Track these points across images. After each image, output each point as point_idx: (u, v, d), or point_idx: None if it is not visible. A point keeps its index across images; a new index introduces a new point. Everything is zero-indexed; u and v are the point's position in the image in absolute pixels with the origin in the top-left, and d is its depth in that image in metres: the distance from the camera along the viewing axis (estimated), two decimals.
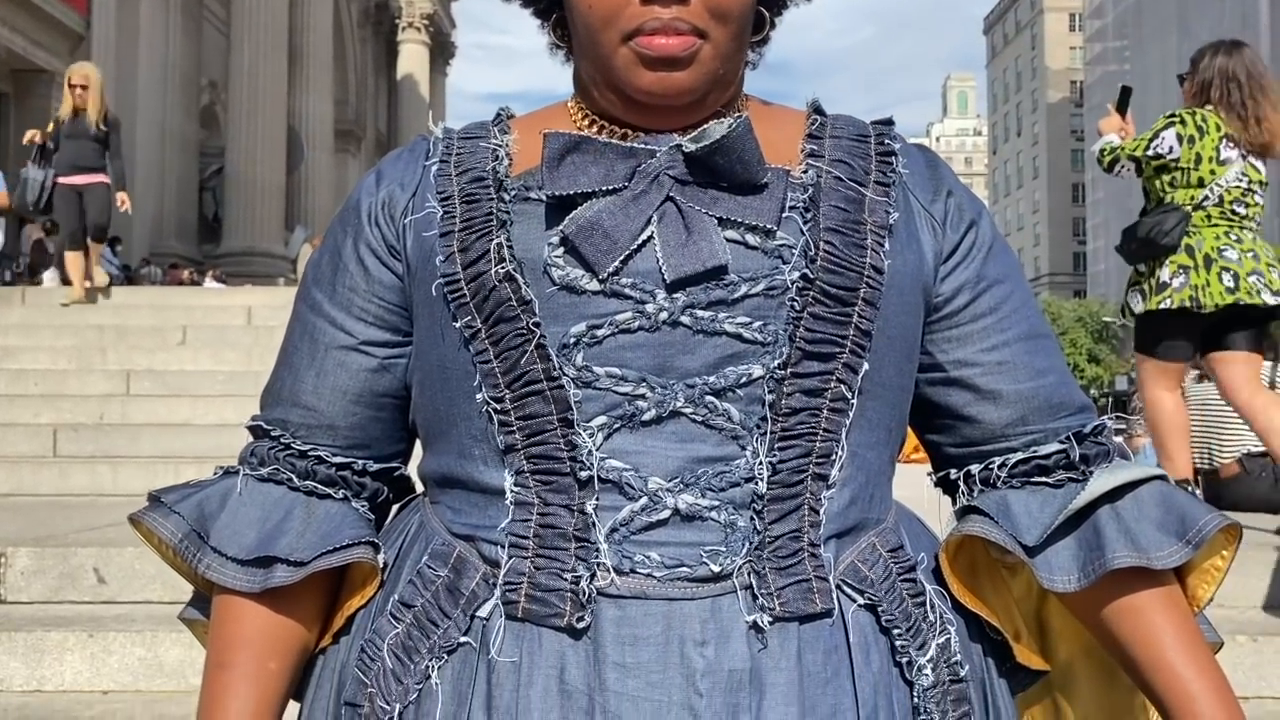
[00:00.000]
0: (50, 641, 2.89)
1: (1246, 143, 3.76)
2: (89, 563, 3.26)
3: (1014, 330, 0.90)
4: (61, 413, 6.20)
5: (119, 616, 3.05)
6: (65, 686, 2.86)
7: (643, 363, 0.79)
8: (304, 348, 0.91)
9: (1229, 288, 3.75)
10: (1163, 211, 3.82)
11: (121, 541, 3.35)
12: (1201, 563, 0.88)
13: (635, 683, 0.76)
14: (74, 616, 3.07)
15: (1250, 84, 3.75)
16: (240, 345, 7.35)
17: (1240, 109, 3.74)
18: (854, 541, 0.84)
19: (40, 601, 3.23)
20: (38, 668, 2.88)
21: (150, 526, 0.88)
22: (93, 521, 3.97)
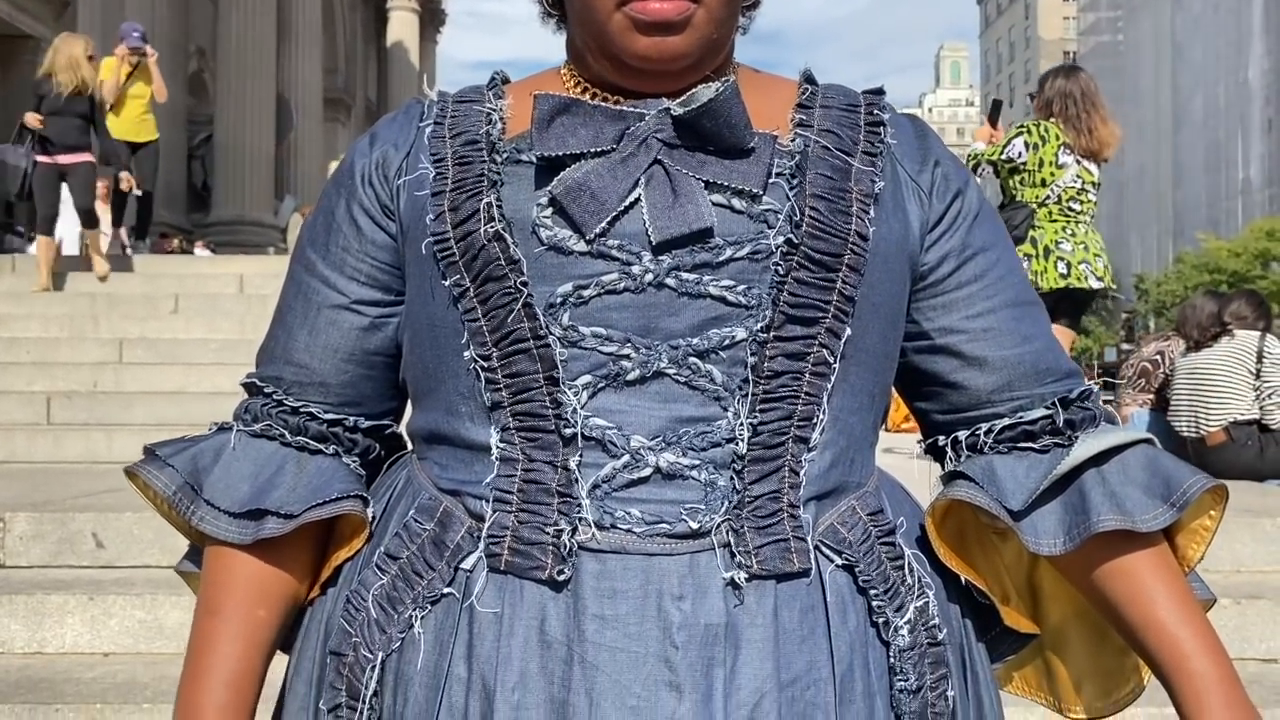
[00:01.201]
0: (50, 605, 2.91)
1: (1080, 149, 4.65)
2: (87, 527, 3.27)
3: (1000, 297, 0.91)
4: (55, 380, 6.20)
5: (118, 580, 3.07)
6: (66, 649, 2.89)
7: (628, 323, 0.81)
8: (297, 307, 0.93)
9: (1062, 274, 4.66)
10: (1014, 208, 4.70)
11: (119, 507, 3.37)
12: (1189, 523, 0.89)
13: (613, 634, 0.78)
14: (73, 580, 3.09)
15: (1084, 101, 4.66)
16: (233, 314, 7.34)
17: (1075, 122, 4.64)
18: (834, 504, 0.85)
19: (39, 566, 3.25)
20: (38, 630, 2.90)
21: (145, 479, 0.90)
22: (90, 487, 3.99)
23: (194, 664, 0.88)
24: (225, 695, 0.86)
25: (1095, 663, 0.96)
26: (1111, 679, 0.96)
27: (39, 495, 3.77)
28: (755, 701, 0.78)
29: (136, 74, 8.93)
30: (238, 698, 0.86)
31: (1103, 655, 0.96)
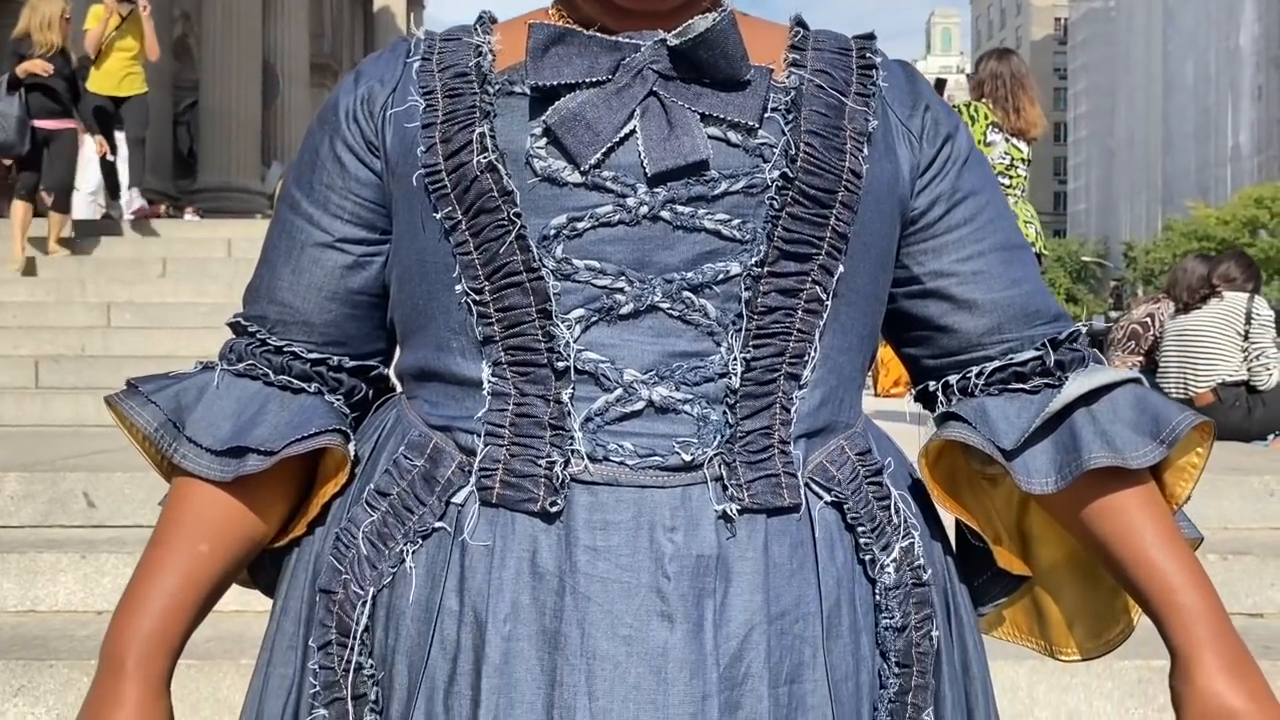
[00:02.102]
0: (43, 563, 2.91)
1: (1008, 128, 4.84)
2: (78, 487, 3.27)
3: (989, 240, 0.91)
4: (42, 344, 6.18)
5: (110, 540, 3.07)
6: (59, 607, 2.89)
7: (622, 256, 0.80)
8: (281, 245, 0.92)
9: None
10: None
11: (110, 467, 3.36)
12: (1177, 460, 0.89)
13: (605, 565, 0.78)
14: (65, 540, 3.09)
15: (1013, 83, 4.85)
16: (221, 278, 7.31)
17: (1003, 102, 4.82)
18: (823, 443, 0.86)
19: (30, 526, 3.25)
20: (31, 588, 2.90)
21: (125, 413, 0.89)
22: (79, 449, 3.98)
23: (128, 591, 0.87)
24: (151, 624, 0.85)
25: (1085, 605, 0.97)
26: (1101, 620, 0.97)
27: (28, 456, 3.76)
28: (745, 633, 0.79)
29: (126, 25, 8.34)
30: (163, 628, 0.85)
31: (1093, 597, 0.97)
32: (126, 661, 0.84)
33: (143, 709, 0.84)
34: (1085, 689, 2.58)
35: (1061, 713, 2.58)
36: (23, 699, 2.50)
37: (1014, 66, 4.92)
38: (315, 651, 0.83)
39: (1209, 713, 0.83)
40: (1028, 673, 2.58)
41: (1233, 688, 0.83)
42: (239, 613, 2.73)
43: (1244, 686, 0.83)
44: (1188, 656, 0.84)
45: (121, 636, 0.85)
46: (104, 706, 0.84)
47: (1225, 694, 0.82)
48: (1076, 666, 2.58)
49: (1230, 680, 0.83)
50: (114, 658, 0.85)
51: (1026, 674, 2.58)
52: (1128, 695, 2.59)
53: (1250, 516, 3.40)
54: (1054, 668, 2.58)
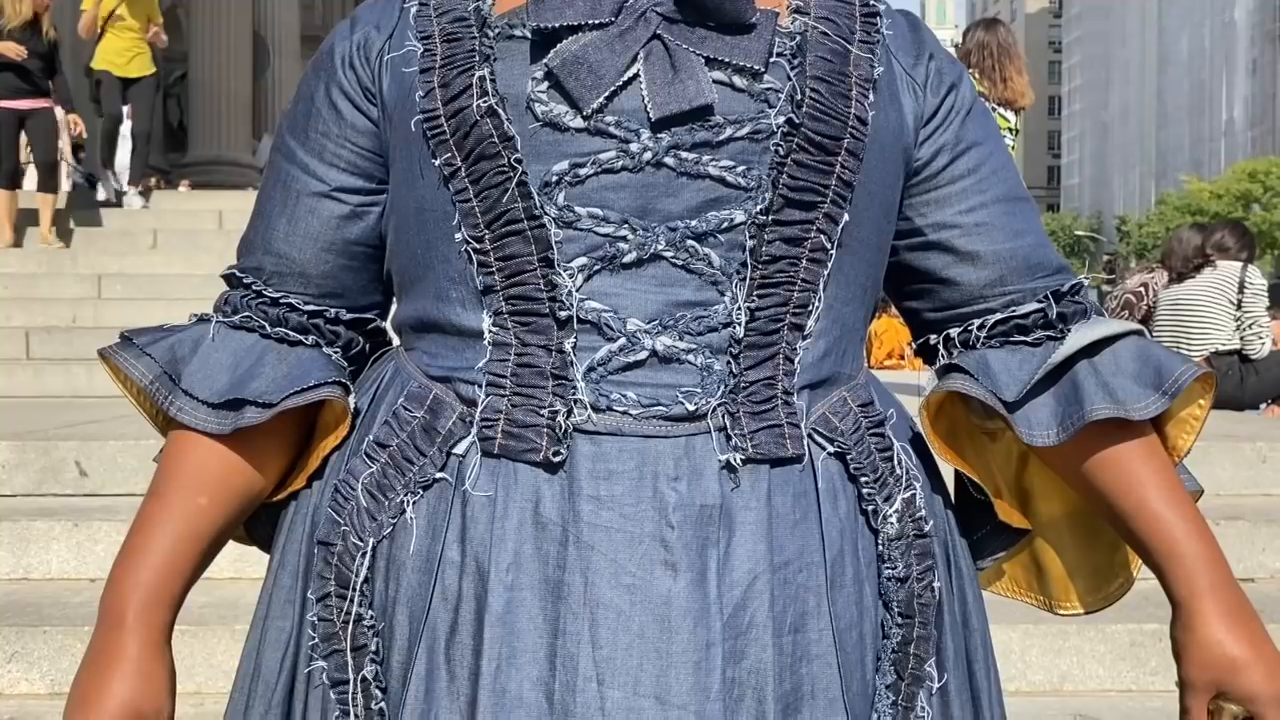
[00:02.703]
0: (35, 531, 2.91)
1: (995, 98, 4.82)
2: (70, 456, 3.26)
3: (992, 192, 0.90)
4: (33, 315, 6.16)
5: (103, 508, 3.07)
6: (52, 575, 2.89)
7: (625, 204, 0.79)
8: (277, 195, 0.90)
9: None
10: None
11: (103, 436, 3.36)
12: (1179, 412, 0.89)
13: (609, 515, 0.78)
14: (58, 508, 3.09)
15: (999, 52, 4.84)
16: (213, 249, 7.27)
17: (990, 72, 4.81)
18: (826, 394, 0.85)
19: (23, 494, 3.24)
20: (23, 556, 2.90)
21: (119, 365, 0.87)
22: (72, 418, 3.97)
23: (126, 545, 0.86)
24: (148, 577, 0.84)
25: (1085, 560, 0.97)
26: (1101, 575, 0.97)
27: (20, 425, 3.75)
28: (749, 582, 0.78)
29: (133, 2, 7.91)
30: (163, 580, 0.84)
31: (1093, 552, 0.97)
32: (127, 615, 0.83)
33: (144, 662, 0.83)
34: (1078, 652, 2.60)
35: (1054, 675, 2.60)
36: (17, 664, 2.51)
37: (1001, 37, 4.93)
38: (314, 604, 0.82)
39: (1210, 661, 0.83)
40: (1021, 636, 2.59)
41: (1233, 636, 0.83)
42: (234, 579, 2.73)
43: (1244, 635, 0.83)
44: (1189, 606, 0.84)
45: (121, 590, 0.84)
46: (105, 660, 0.83)
47: (1226, 642, 0.83)
48: (1069, 630, 2.60)
49: (1231, 629, 0.83)
50: (114, 611, 0.84)
51: (1020, 637, 2.59)
52: (1120, 659, 2.61)
53: (1242, 483, 3.42)
54: (1047, 631, 2.59)
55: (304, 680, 0.83)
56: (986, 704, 0.90)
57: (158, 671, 0.84)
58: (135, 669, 0.82)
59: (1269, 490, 3.45)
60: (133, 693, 0.82)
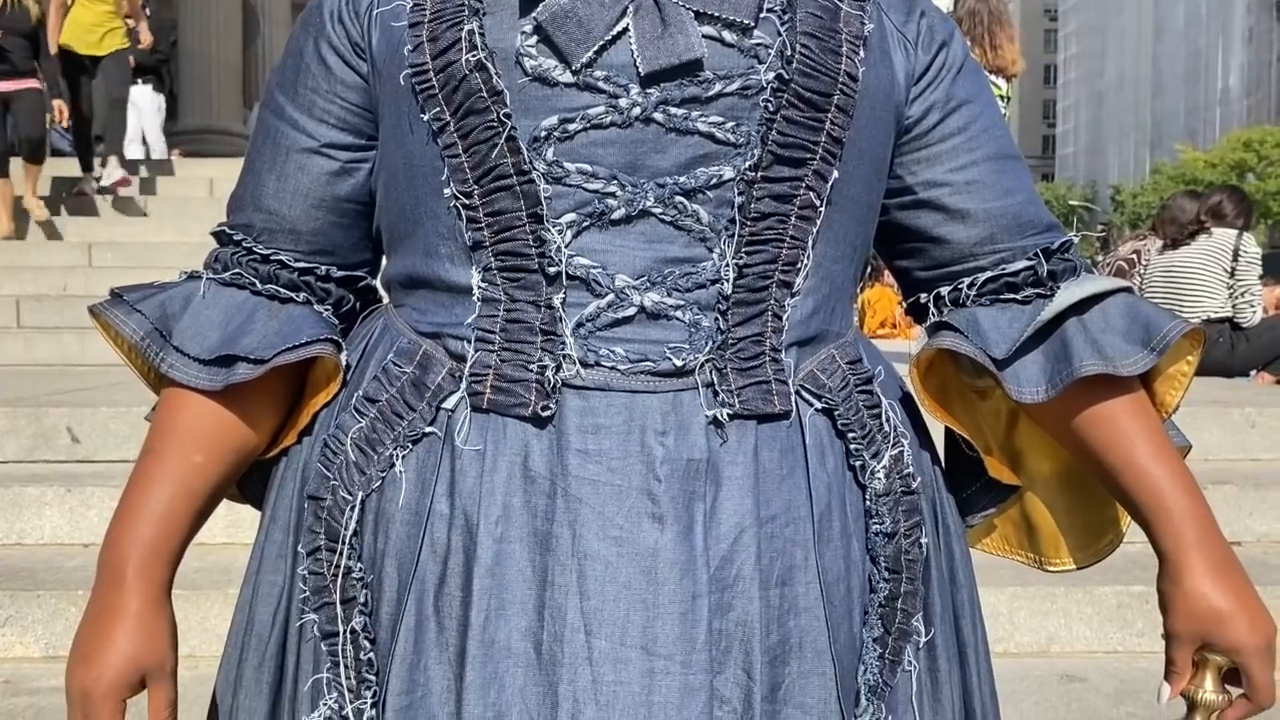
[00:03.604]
0: (28, 497, 2.91)
1: (988, 66, 4.85)
2: (62, 423, 3.26)
3: (983, 150, 0.90)
4: (23, 284, 6.13)
5: (96, 474, 3.07)
6: (45, 540, 2.90)
7: (614, 160, 0.79)
8: (266, 152, 0.90)
9: None
10: None
11: (95, 403, 3.36)
12: (1168, 369, 0.90)
13: (596, 468, 0.78)
14: (50, 474, 3.09)
15: (990, 20, 4.88)
16: (204, 217, 7.23)
17: (981, 40, 4.84)
18: (814, 351, 0.85)
19: (14, 461, 3.24)
20: (16, 522, 2.91)
21: (110, 322, 0.87)
22: (63, 386, 3.97)
23: (123, 502, 0.86)
24: (147, 533, 0.84)
25: (1075, 516, 0.98)
26: (1091, 531, 0.98)
27: (11, 393, 3.75)
28: (735, 536, 0.79)
29: None
30: (161, 536, 0.85)
31: (1083, 509, 0.97)
32: (127, 571, 0.83)
33: (145, 616, 0.83)
34: (1065, 614, 2.63)
35: (1041, 637, 2.62)
36: (11, 628, 2.52)
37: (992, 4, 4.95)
38: (304, 558, 0.83)
39: (1195, 613, 0.84)
40: (1009, 598, 2.62)
41: (1219, 589, 0.84)
42: (226, 544, 2.74)
43: (1230, 588, 0.84)
44: (1176, 560, 0.85)
45: (120, 546, 0.84)
46: (107, 616, 0.83)
47: (1212, 595, 0.84)
48: (1056, 593, 2.62)
49: (1217, 582, 0.84)
50: (113, 568, 0.84)
51: (1007, 600, 2.61)
52: (1106, 620, 2.63)
53: (1231, 448, 3.44)
54: (1034, 594, 2.62)
55: (296, 633, 0.83)
56: (973, 659, 0.91)
57: (159, 625, 0.84)
58: (137, 623, 0.83)
59: (1257, 455, 3.47)
60: (135, 647, 0.83)
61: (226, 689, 0.88)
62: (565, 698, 0.76)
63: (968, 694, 0.90)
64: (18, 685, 2.37)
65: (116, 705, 0.82)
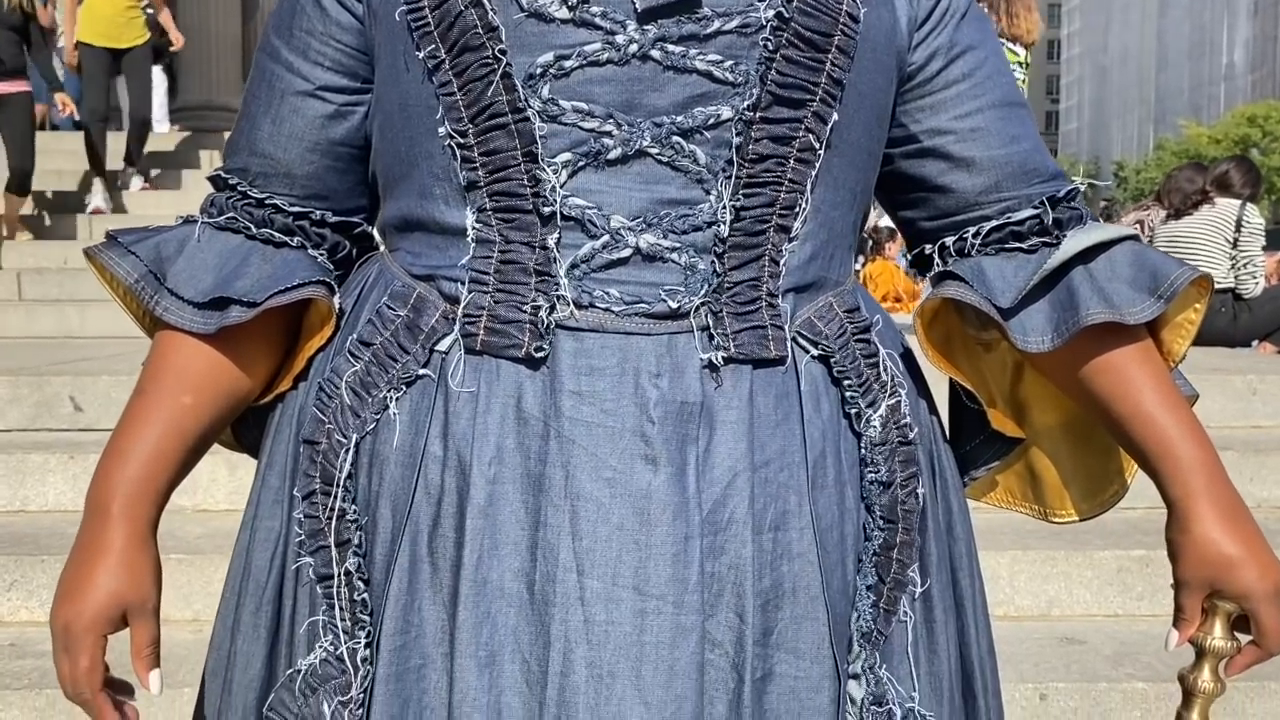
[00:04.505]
0: (31, 464, 2.92)
1: (1006, 34, 4.86)
2: (65, 391, 3.27)
3: (987, 97, 0.89)
4: (24, 257, 6.12)
5: (98, 442, 3.07)
6: (49, 506, 2.91)
7: (610, 98, 0.78)
8: (261, 95, 0.89)
9: None
10: None
11: (96, 372, 3.36)
12: (1174, 317, 0.89)
13: (590, 410, 0.78)
14: (53, 442, 3.10)
15: None
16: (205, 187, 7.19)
17: (998, 7, 4.87)
18: (812, 298, 0.85)
19: (18, 429, 3.25)
20: (20, 488, 2.92)
21: (105, 264, 0.87)
22: (65, 356, 3.97)
23: (111, 442, 0.86)
24: (134, 472, 0.84)
25: (1080, 467, 0.97)
26: (1096, 481, 0.97)
27: (13, 362, 3.75)
28: (728, 480, 0.79)
29: None
30: (147, 475, 0.85)
31: (1088, 459, 0.97)
32: (112, 508, 0.84)
33: (129, 553, 0.84)
34: (1065, 578, 2.63)
35: (1042, 600, 2.63)
36: (16, 593, 2.53)
37: None
38: (300, 502, 0.83)
39: (1205, 560, 0.84)
40: (1009, 562, 2.62)
41: (1228, 536, 0.83)
42: (229, 511, 2.75)
43: (1239, 534, 0.84)
44: (1184, 507, 0.84)
45: (106, 484, 0.85)
46: (91, 553, 0.84)
47: (1222, 542, 0.83)
48: (1057, 556, 2.63)
49: (1226, 529, 0.83)
50: (99, 504, 0.84)
51: (1008, 563, 2.62)
52: (1107, 584, 2.64)
53: (1232, 415, 3.44)
54: (1035, 558, 2.62)
55: (292, 577, 0.83)
56: (971, 610, 0.90)
57: (143, 563, 0.84)
58: (120, 560, 0.83)
59: (1258, 422, 3.48)
60: (118, 583, 0.83)
61: (224, 635, 0.88)
62: (557, 637, 0.76)
63: (964, 645, 0.90)
64: (23, 648, 2.39)
65: (97, 640, 0.83)
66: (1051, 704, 2.25)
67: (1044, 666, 2.34)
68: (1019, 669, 2.32)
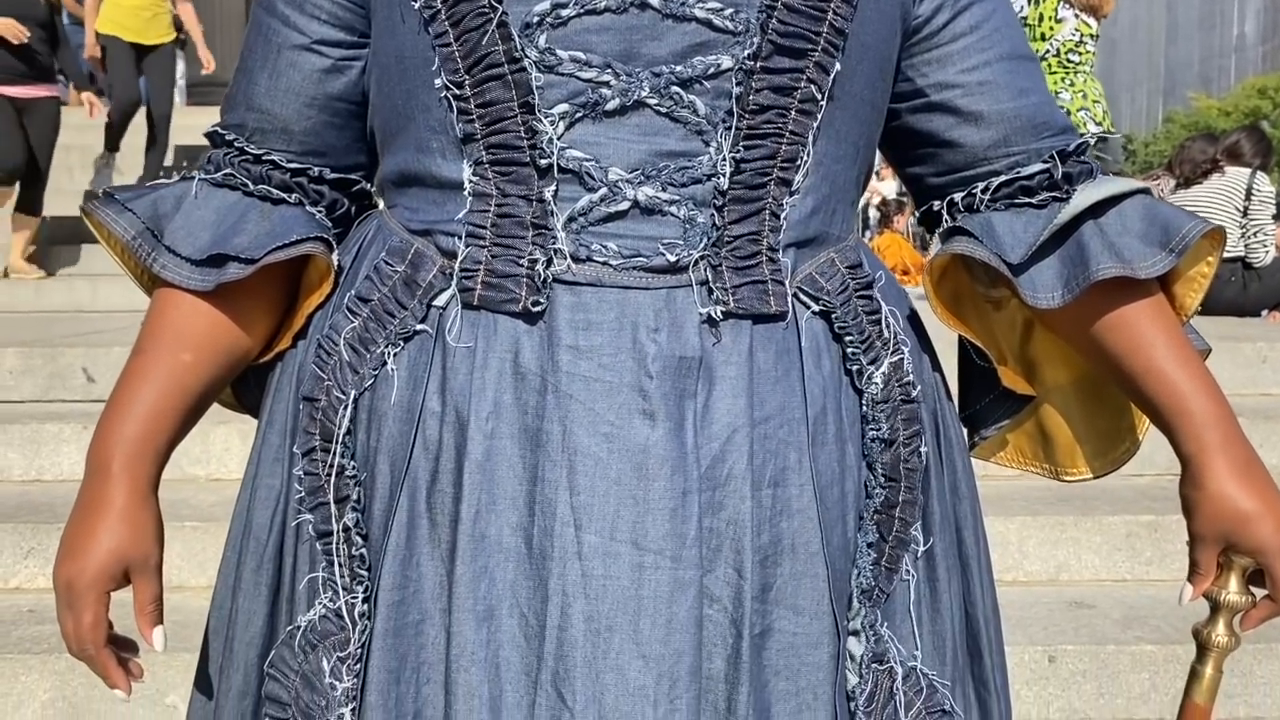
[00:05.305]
0: (46, 434, 2.94)
1: (1079, 4, 4.93)
2: (77, 363, 3.29)
3: (995, 50, 0.88)
4: None
5: None
6: (63, 476, 2.93)
7: (608, 47, 0.77)
8: (258, 49, 0.89)
9: None
10: None
11: (109, 343, 3.38)
12: (1187, 271, 0.88)
13: (588, 364, 0.77)
14: (67, 412, 3.12)
15: None
16: None
17: None
18: (813, 254, 0.84)
19: (32, 400, 3.28)
20: (35, 458, 2.94)
21: (102, 220, 0.87)
22: (77, 329, 3.99)
23: (111, 400, 0.86)
24: (134, 429, 0.84)
25: (1092, 425, 0.97)
26: (1108, 439, 0.97)
27: (27, 334, 3.77)
28: (727, 435, 0.78)
29: None
30: (147, 433, 0.84)
31: (1100, 417, 0.96)
32: (112, 465, 0.84)
33: (130, 510, 0.84)
34: (1074, 543, 2.64)
35: (1051, 565, 2.64)
36: (34, 560, 2.56)
37: None
38: (299, 459, 0.83)
39: (1220, 515, 0.84)
40: (1018, 528, 2.63)
41: (1244, 491, 0.83)
42: None
43: (1253, 489, 0.83)
44: (1199, 463, 0.84)
45: (106, 442, 0.84)
46: (92, 510, 0.84)
47: (1237, 497, 0.83)
48: (1066, 522, 2.63)
49: (1241, 484, 0.83)
50: (100, 462, 0.84)
51: (1017, 529, 2.63)
52: (1115, 549, 2.65)
53: (1242, 383, 3.44)
54: (1044, 523, 2.63)
55: (293, 534, 0.83)
56: (976, 570, 0.90)
57: (144, 520, 0.84)
58: (122, 517, 0.83)
59: (1268, 390, 3.47)
60: (120, 540, 0.83)
61: (225, 593, 0.89)
62: (555, 591, 0.76)
63: (970, 604, 0.89)
64: (42, 614, 2.42)
65: (100, 596, 0.83)
66: (1060, 666, 2.26)
67: (1053, 630, 2.35)
68: (1028, 632, 2.33)
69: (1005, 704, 0.92)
